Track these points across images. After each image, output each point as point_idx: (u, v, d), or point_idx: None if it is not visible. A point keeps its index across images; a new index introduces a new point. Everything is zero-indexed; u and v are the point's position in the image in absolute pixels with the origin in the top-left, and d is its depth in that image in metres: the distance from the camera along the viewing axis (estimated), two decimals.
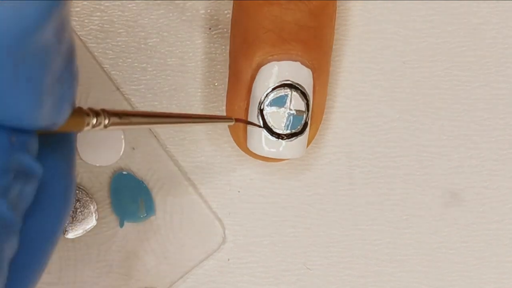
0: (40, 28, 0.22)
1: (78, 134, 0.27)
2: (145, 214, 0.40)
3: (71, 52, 0.25)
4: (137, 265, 0.40)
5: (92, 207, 0.40)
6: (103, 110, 0.27)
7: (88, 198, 0.40)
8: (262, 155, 0.37)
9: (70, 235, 0.39)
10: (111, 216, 0.40)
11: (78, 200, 0.40)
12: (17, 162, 0.24)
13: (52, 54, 0.24)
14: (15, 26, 0.22)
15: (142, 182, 0.40)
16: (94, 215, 0.40)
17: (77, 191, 0.40)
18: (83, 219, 0.40)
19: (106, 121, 0.27)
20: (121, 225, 0.40)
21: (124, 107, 0.40)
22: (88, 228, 0.40)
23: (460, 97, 0.41)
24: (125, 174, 0.40)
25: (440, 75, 0.41)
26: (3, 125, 0.24)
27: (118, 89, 0.40)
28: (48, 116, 0.25)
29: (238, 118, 0.37)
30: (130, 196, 0.40)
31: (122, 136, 0.40)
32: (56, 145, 0.27)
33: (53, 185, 0.27)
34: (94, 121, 0.27)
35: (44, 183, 0.26)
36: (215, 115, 0.37)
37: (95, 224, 0.40)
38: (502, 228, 0.41)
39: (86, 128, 0.27)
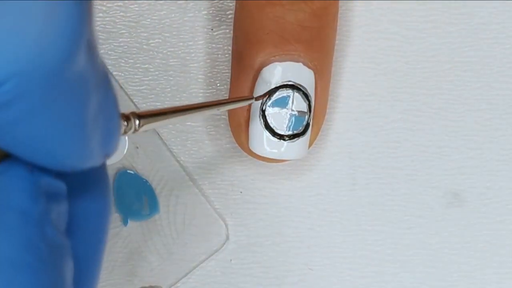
0: (70, 57, 0.20)
1: None
2: (149, 213, 0.40)
3: (106, 76, 0.23)
4: (141, 264, 0.40)
5: None
6: (133, 113, 0.26)
7: None
8: (264, 156, 0.37)
9: None
10: (115, 215, 0.40)
11: None
12: (43, 185, 0.22)
13: (88, 84, 0.22)
14: (42, 62, 0.20)
15: (146, 180, 0.40)
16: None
17: None
18: None
19: (137, 123, 0.26)
20: (125, 223, 0.40)
21: (128, 106, 0.40)
22: None
23: (462, 97, 0.41)
24: (128, 173, 0.40)
25: (441, 75, 0.41)
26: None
27: (121, 87, 0.40)
28: (96, 153, 0.23)
29: (257, 96, 0.37)
30: (134, 195, 0.40)
31: (126, 137, 0.40)
32: (90, 176, 0.25)
33: (87, 221, 0.25)
34: (125, 125, 0.26)
35: (81, 221, 0.25)
36: (235, 97, 0.37)
37: None
38: (504, 228, 0.41)
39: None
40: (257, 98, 0.37)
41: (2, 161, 0.22)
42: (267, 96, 0.37)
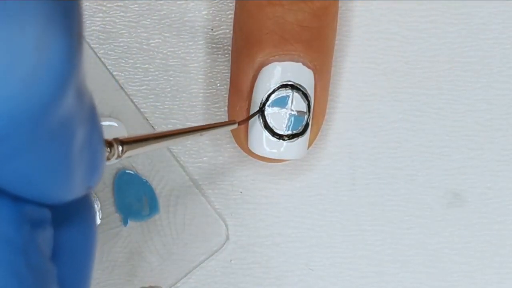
0: (57, 101, 0.20)
1: None
2: (149, 213, 0.40)
3: (93, 111, 0.23)
4: (141, 264, 0.40)
5: (96, 206, 0.40)
6: (116, 140, 0.26)
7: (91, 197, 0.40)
8: (264, 156, 0.37)
9: None
10: (115, 215, 0.40)
11: None
12: (27, 212, 0.22)
13: (75, 123, 0.21)
14: (29, 105, 0.19)
15: (146, 181, 0.40)
16: (98, 214, 0.40)
17: None
18: None
19: (120, 150, 0.26)
20: (125, 223, 0.40)
21: (128, 106, 0.40)
22: None
23: (462, 98, 0.41)
24: (128, 173, 0.40)
25: (442, 76, 0.41)
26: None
27: (121, 87, 0.40)
28: (80, 186, 0.23)
29: (240, 121, 0.37)
30: (134, 195, 0.40)
31: (126, 135, 0.40)
32: (74, 204, 0.25)
33: (72, 250, 0.25)
34: (108, 152, 0.26)
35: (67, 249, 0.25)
36: (218, 123, 0.37)
37: (99, 223, 0.40)
38: (504, 228, 0.41)
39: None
40: (240, 123, 0.37)
41: None
42: (250, 119, 0.37)
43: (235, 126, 0.36)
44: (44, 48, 0.19)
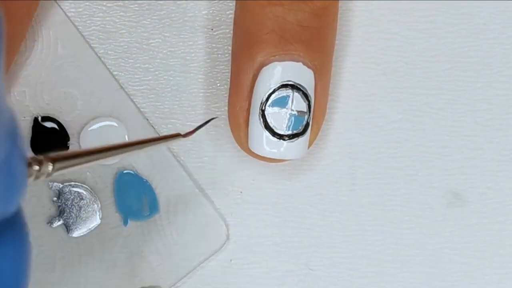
0: None
1: (81, 133, 0.26)
2: (149, 213, 0.40)
3: (13, 129, 0.21)
4: (141, 264, 0.40)
5: (96, 205, 0.40)
6: (47, 158, 0.25)
7: (92, 197, 0.40)
8: (264, 155, 0.37)
9: (75, 234, 0.40)
10: (115, 215, 0.40)
11: (82, 199, 0.40)
12: None
13: None
14: None
15: (146, 180, 0.40)
16: (98, 213, 0.40)
17: (81, 190, 0.40)
18: (87, 217, 0.40)
19: (50, 168, 0.25)
20: (125, 223, 0.40)
21: (128, 106, 0.40)
22: (92, 227, 0.40)
23: (462, 98, 0.41)
24: (129, 173, 0.40)
25: (442, 76, 0.41)
26: None
27: (121, 87, 0.40)
28: None
29: (186, 133, 0.35)
30: (134, 195, 0.40)
31: (126, 137, 0.40)
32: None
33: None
34: (37, 170, 0.24)
35: None
36: (161, 136, 0.36)
37: (99, 222, 0.40)
38: (504, 228, 0.41)
39: (29, 180, 0.24)
40: (184, 135, 0.35)
41: None
42: (197, 131, 0.36)
43: (179, 139, 0.34)
44: None
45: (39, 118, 0.40)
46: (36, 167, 0.24)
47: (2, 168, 0.21)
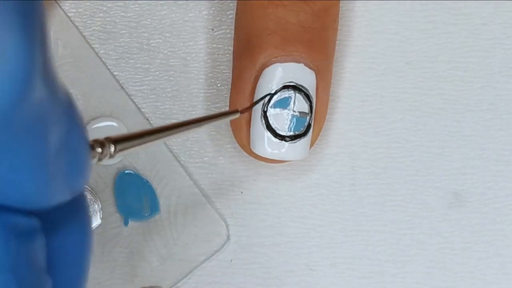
0: (21, 102, 0.19)
1: None
2: (150, 213, 0.40)
3: (70, 106, 0.22)
4: (141, 264, 0.40)
5: (96, 206, 0.40)
6: (108, 139, 0.25)
7: (92, 197, 0.40)
8: (265, 156, 0.37)
9: None
10: (116, 215, 0.40)
11: None
12: (13, 226, 0.21)
13: (47, 120, 0.20)
14: None
15: (147, 181, 0.40)
16: (98, 214, 0.40)
17: None
18: None
19: (112, 149, 0.25)
20: (126, 223, 0.40)
21: (129, 106, 0.40)
22: (93, 227, 0.40)
23: (462, 98, 0.41)
24: (129, 173, 0.40)
25: (442, 76, 0.41)
26: None
27: (122, 87, 0.40)
28: (62, 189, 0.22)
29: (243, 109, 0.36)
30: (135, 195, 0.40)
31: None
32: (65, 209, 0.24)
33: (67, 256, 0.24)
34: (100, 152, 0.25)
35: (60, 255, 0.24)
36: (219, 113, 0.36)
37: (99, 223, 0.40)
38: (505, 228, 0.41)
39: (93, 162, 0.24)
40: (242, 111, 0.36)
41: None
42: (253, 107, 0.36)
43: (237, 115, 0.35)
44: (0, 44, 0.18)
45: None
46: (99, 149, 0.24)
47: (64, 145, 0.21)
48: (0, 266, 0.21)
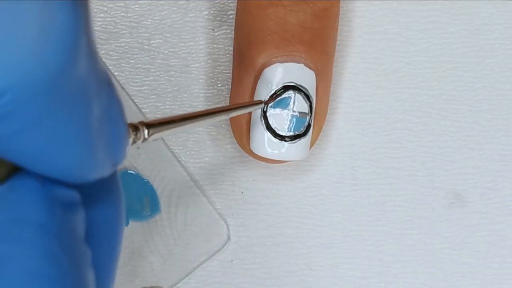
0: (68, 66, 0.20)
1: None
2: (150, 213, 0.40)
3: (109, 81, 0.22)
4: (142, 264, 0.40)
5: None
6: (142, 123, 0.26)
7: None
8: (265, 156, 0.37)
9: None
10: None
11: None
12: (57, 196, 0.22)
13: (90, 91, 0.21)
14: (39, 72, 0.19)
15: (147, 181, 0.40)
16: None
17: None
18: None
19: (146, 133, 0.26)
20: (126, 224, 0.40)
21: (129, 106, 0.40)
22: None
23: (463, 98, 0.41)
24: (130, 173, 0.40)
25: (443, 76, 0.41)
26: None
27: (122, 88, 0.40)
28: (104, 162, 0.23)
29: (267, 100, 0.37)
30: (135, 195, 0.40)
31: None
32: (102, 184, 0.25)
33: (102, 230, 0.25)
34: (134, 135, 0.25)
35: (93, 229, 0.25)
36: (245, 102, 0.37)
37: None
38: (505, 228, 0.41)
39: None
40: (266, 102, 0.36)
41: (14, 175, 0.22)
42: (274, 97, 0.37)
43: (261, 106, 0.36)
44: (48, 13, 0.19)
45: None
46: (133, 133, 0.25)
47: (105, 117, 0.22)
48: (46, 232, 0.21)
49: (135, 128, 0.25)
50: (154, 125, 0.26)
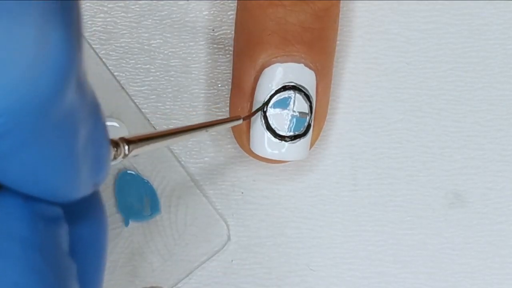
0: (59, 93, 0.20)
1: None
2: (150, 213, 0.40)
3: (96, 106, 0.23)
4: (142, 264, 0.40)
5: None
6: (122, 139, 0.26)
7: None
8: (265, 157, 0.37)
9: None
10: (116, 215, 0.40)
11: None
12: (40, 211, 0.22)
13: (78, 116, 0.21)
14: (31, 98, 0.19)
15: (147, 181, 0.40)
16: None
17: None
18: None
19: (126, 149, 0.26)
20: (126, 224, 0.40)
21: (129, 106, 0.40)
22: None
23: (463, 98, 0.41)
24: (130, 173, 0.40)
25: (443, 76, 0.41)
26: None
27: (122, 88, 0.40)
28: (86, 182, 0.23)
29: (245, 116, 0.37)
30: (135, 195, 0.40)
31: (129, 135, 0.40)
32: (85, 202, 0.25)
33: (86, 245, 0.25)
34: (115, 151, 0.26)
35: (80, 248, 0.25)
36: (223, 119, 0.37)
37: None
38: (505, 228, 0.41)
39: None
40: (244, 118, 0.37)
41: None
42: (254, 115, 0.37)
43: (240, 122, 0.36)
44: (44, 41, 0.19)
45: None
46: (114, 149, 0.25)
47: (90, 141, 0.22)
48: (30, 246, 0.22)
49: (116, 144, 0.26)
50: (135, 141, 0.27)
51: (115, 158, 0.26)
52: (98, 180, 0.24)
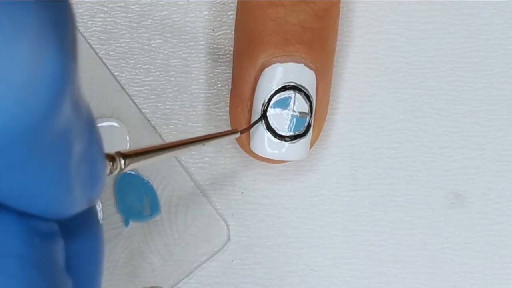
0: (53, 113, 0.20)
1: None
2: (150, 213, 0.40)
3: (91, 122, 0.23)
4: (142, 264, 0.40)
5: (97, 206, 0.40)
6: (118, 153, 0.26)
7: None
8: (265, 156, 0.37)
9: None
10: (116, 216, 0.40)
11: None
12: (35, 227, 0.22)
13: (72, 134, 0.21)
14: (24, 118, 0.19)
15: (147, 181, 0.40)
16: (99, 214, 0.40)
17: None
18: None
19: (123, 163, 0.26)
20: (126, 224, 0.40)
21: (129, 106, 0.40)
22: None
23: (463, 98, 0.41)
24: (130, 174, 0.40)
25: (443, 76, 0.41)
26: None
27: (122, 88, 0.40)
28: (80, 199, 0.23)
29: (242, 129, 0.37)
30: (135, 196, 0.40)
31: (128, 137, 0.40)
32: (80, 217, 0.25)
33: (82, 260, 0.26)
34: (111, 165, 0.26)
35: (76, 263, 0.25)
36: (220, 132, 0.37)
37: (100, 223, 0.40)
38: (505, 228, 0.41)
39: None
40: (242, 131, 0.37)
41: None
42: (252, 127, 0.37)
43: (237, 135, 0.36)
44: (37, 61, 0.19)
45: None
46: (110, 163, 0.26)
47: (84, 158, 0.22)
48: (26, 262, 0.22)
49: (112, 158, 0.26)
50: (131, 156, 0.27)
51: (111, 172, 0.26)
52: (93, 196, 0.24)
